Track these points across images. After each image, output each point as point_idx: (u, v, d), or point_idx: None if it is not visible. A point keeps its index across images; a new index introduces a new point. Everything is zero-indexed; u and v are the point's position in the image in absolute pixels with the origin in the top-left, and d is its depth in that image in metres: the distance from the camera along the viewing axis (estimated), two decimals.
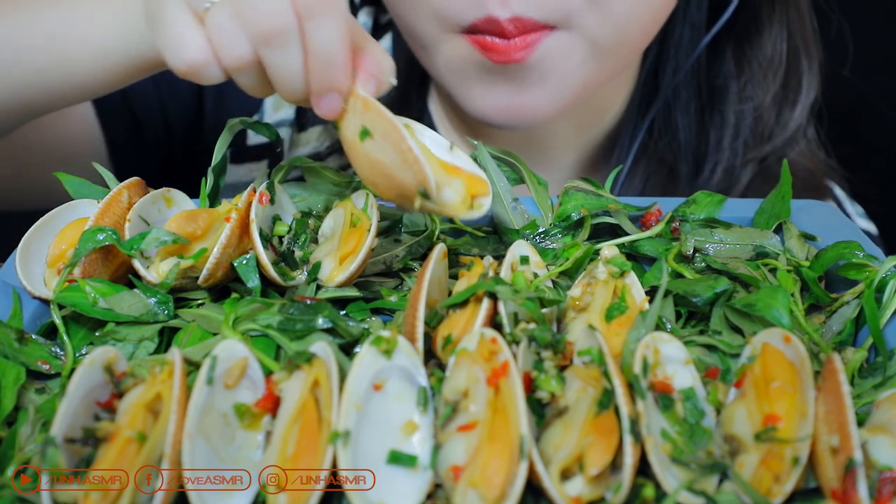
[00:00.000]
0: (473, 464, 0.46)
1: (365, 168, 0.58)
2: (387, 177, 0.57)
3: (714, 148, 0.98)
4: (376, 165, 0.57)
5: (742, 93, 0.97)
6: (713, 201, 0.73)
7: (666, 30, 0.94)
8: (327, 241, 0.65)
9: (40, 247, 0.63)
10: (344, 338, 0.57)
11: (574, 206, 0.70)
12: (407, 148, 0.55)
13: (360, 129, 0.57)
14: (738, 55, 0.97)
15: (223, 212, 0.64)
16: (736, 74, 0.97)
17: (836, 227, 0.71)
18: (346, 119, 0.58)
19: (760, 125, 0.98)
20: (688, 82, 0.97)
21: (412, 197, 0.56)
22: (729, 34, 0.96)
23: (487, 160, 0.73)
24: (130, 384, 0.51)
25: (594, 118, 0.99)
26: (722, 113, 0.98)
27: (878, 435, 0.49)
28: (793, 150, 0.99)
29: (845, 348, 0.60)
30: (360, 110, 0.57)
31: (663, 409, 0.51)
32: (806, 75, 0.98)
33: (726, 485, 0.48)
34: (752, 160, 0.98)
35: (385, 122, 0.56)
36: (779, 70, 0.96)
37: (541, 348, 0.53)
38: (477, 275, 0.60)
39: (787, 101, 0.98)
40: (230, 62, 0.56)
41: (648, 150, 0.99)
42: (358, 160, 0.58)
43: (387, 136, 0.56)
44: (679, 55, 0.95)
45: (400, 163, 0.55)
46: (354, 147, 0.58)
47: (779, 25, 0.95)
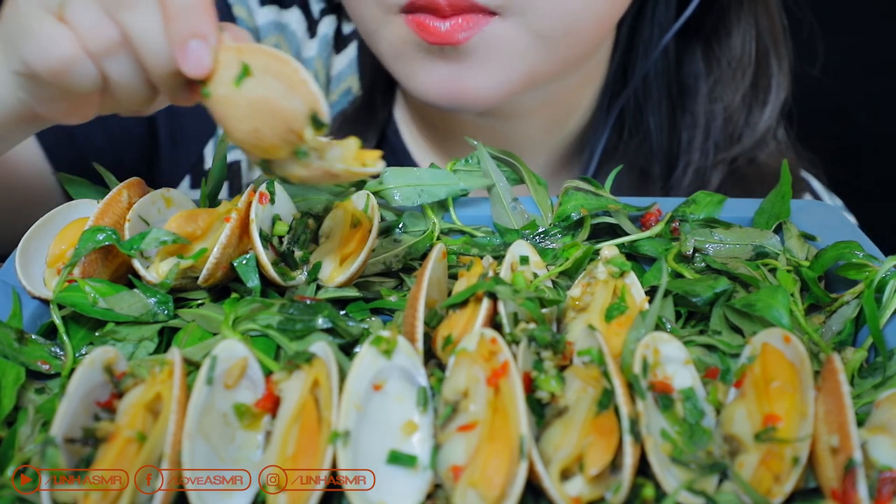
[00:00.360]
0: (473, 464, 0.46)
1: (244, 117, 0.53)
2: (270, 113, 0.52)
3: (685, 149, 0.98)
4: (258, 105, 0.52)
5: (712, 93, 0.97)
6: (713, 201, 0.73)
7: (634, 28, 0.94)
8: (328, 241, 0.65)
9: (40, 247, 0.63)
10: (344, 338, 0.58)
11: (574, 206, 0.70)
12: (292, 70, 0.52)
13: (236, 74, 0.53)
14: (708, 54, 0.97)
15: (223, 212, 0.64)
16: (706, 74, 0.97)
17: (835, 227, 0.71)
18: (217, 76, 0.54)
19: (730, 126, 0.98)
20: (659, 82, 0.97)
21: (302, 129, 0.52)
22: (698, 33, 0.96)
23: (487, 160, 0.73)
24: (130, 384, 0.51)
25: (563, 116, 0.98)
26: (693, 113, 0.98)
27: (877, 435, 0.49)
28: (762, 152, 0.99)
29: (845, 348, 0.60)
30: (233, 60, 0.53)
31: (663, 409, 0.51)
32: (776, 76, 0.97)
33: (726, 485, 0.48)
34: (722, 162, 0.98)
35: (265, 54, 0.53)
36: (748, 70, 0.96)
37: (541, 348, 0.53)
38: (476, 275, 0.60)
39: (757, 101, 0.98)
40: (98, 46, 0.54)
41: (619, 151, 0.98)
42: (234, 112, 0.53)
43: (268, 67, 0.52)
44: (647, 53, 0.95)
45: (286, 90, 0.52)
46: (229, 100, 0.53)
47: (747, 25, 0.95)
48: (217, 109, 0.54)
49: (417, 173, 0.71)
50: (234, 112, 0.53)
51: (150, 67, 0.55)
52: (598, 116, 0.99)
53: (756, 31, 0.96)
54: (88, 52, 0.54)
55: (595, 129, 0.99)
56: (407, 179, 0.71)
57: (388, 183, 0.70)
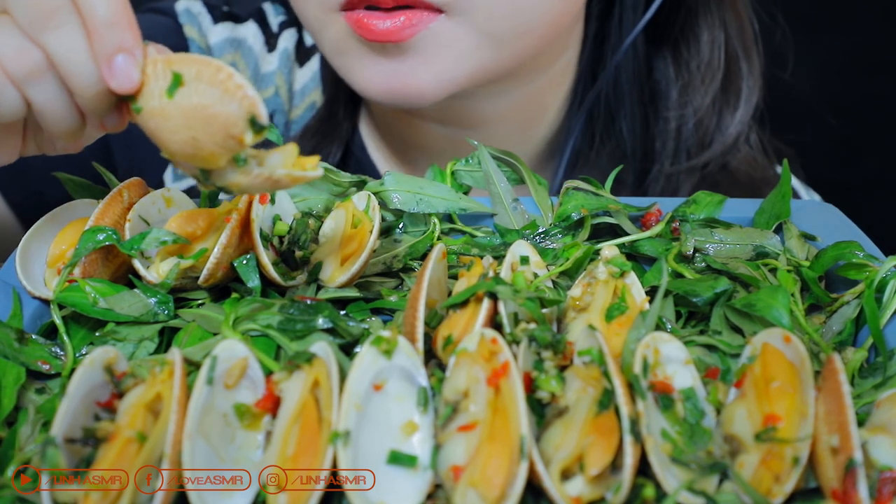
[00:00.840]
0: (473, 464, 0.46)
1: (178, 127, 0.52)
2: (207, 120, 0.51)
3: (657, 155, 0.97)
4: (193, 113, 0.51)
5: (682, 97, 0.96)
6: (713, 201, 0.73)
7: (601, 30, 0.93)
8: (328, 241, 0.65)
9: (40, 247, 0.63)
10: (344, 338, 0.58)
11: (574, 206, 0.70)
12: (226, 75, 0.50)
13: (167, 85, 0.52)
14: (677, 58, 0.96)
15: (223, 212, 0.64)
16: (675, 78, 0.96)
17: (836, 227, 0.71)
18: (146, 90, 0.53)
19: (701, 131, 0.97)
20: (630, 88, 0.96)
21: (241, 136, 0.51)
22: (667, 38, 0.95)
23: (487, 160, 0.73)
24: (130, 384, 0.51)
25: (531, 124, 0.97)
26: (664, 118, 0.97)
27: (878, 435, 0.49)
28: (734, 158, 0.98)
29: (845, 348, 0.60)
30: (161, 72, 0.52)
31: (663, 409, 0.51)
32: (746, 80, 0.97)
33: (726, 485, 0.48)
34: (694, 168, 0.97)
35: (196, 62, 0.51)
36: (717, 73, 0.95)
37: (541, 348, 0.53)
38: (477, 275, 0.60)
39: (728, 106, 0.97)
40: (21, 70, 0.52)
41: (591, 159, 0.97)
42: (167, 123, 0.52)
43: (200, 75, 0.51)
44: (615, 55, 0.94)
45: (220, 94, 0.50)
46: (162, 112, 0.52)
47: (716, 29, 0.95)
48: (150, 123, 0.53)
49: (420, 183, 0.71)
50: (168, 124, 0.52)
51: (78, 89, 0.53)
52: (567, 122, 0.98)
53: (725, 34, 0.95)
54: (11, 77, 0.52)
55: (565, 135, 0.98)
56: (408, 186, 0.71)
57: (388, 185, 0.70)
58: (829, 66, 1.50)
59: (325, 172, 0.71)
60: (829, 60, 1.50)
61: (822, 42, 1.46)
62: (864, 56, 1.50)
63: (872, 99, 1.52)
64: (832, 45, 1.48)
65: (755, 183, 0.98)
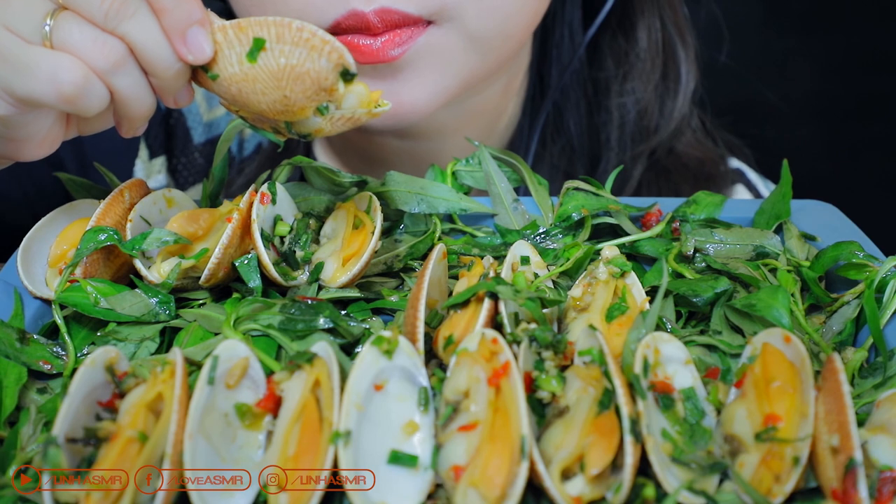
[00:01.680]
0: (474, 464, 0.46)
1: (268, 88, 0.54)
2: (298, 78, 0.53)
3: (604, 146, 0.98)
4: (282, 74, 0.53)
5: (623, 86, 0.97)
6: (713, 201, 0.73)
7: (545, 31, 0.93)
8: (330, 241, 0.65)
9: (42, 247, 0.64)
10: (345, 338, 0.58)
11: (575, 206, 0.70)
12: (310, 33, 0.52)
13: (247, 50, 0.54)
14: (616, 49, 0.97)
15: (224, 212, 0.64)
16: (615, 69, 0.97)
17: (836, 227, 0.71)
18: (222, 57, 0.55)
19: (645, 118, 0.98)
20: (574, 84, 0.97)
21: (333, 86, 0.54)
22: (604, 29, 0.96)
23: (488, 160, 0.73)
24: (132, 384, 0.51)
25: (486, 131, 0.97)
26: (607, 109, 0.98)
27: (878, 435, 0.49)
28: (679, 142, 1.00)
29: (845, 348, 0.60)
30: (235, 38, 0.54)
31: (664, 408, 0.51)
32: (683, 64, 0.98)
33: (726, 484, 0.48)
34: (641, 154, 0.98)
35: (271, 25, 0.53)
36: (656, 60, 0.96)
37: (542, 348, 0.53)
38: (477, 275, 0.60)
39: (669, 91, 0.98)
40: (106, 63, 0.54)
41: (545, 159, 0.98)
42: (254, 86, 0.54)
43: (281, 36, 0.53)
44: (561, 56, 0.95)
45: (308, 53, 0.53)
46: (246, 77, 0.54)
47: (651, 16, 0.95)
48: (231, 89, 0.55)
49: (421, 184, 0.71)
50: (256, 86, 0.54)
51: (158, 71, 0.55)
52: (521, 127, 0.98)
53: (660, 21, 0.96)
54: (97, 71, 0.54)
55: (521, 138, 0.99)
56: (410, 186, 0.71)
57: (390, 186, 0.70)
58: (829, 66, 1.50)
59: (325, 172, 0.71)
60: (829, 60, 1.50)
61: (822, 42, 1.47)
62: (864, 56, 1.50)
63: (872, 99, 1.53)
64: (832, 45, 1.48)
65: (703, 165, 1.00)
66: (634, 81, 0.97)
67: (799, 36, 1.21)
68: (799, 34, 1.19)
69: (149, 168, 0.98)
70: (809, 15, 1.46)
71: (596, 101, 0.98)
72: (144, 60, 0.55)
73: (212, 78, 0.55)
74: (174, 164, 0.99)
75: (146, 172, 0.98)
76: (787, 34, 1.06)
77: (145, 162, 0.97)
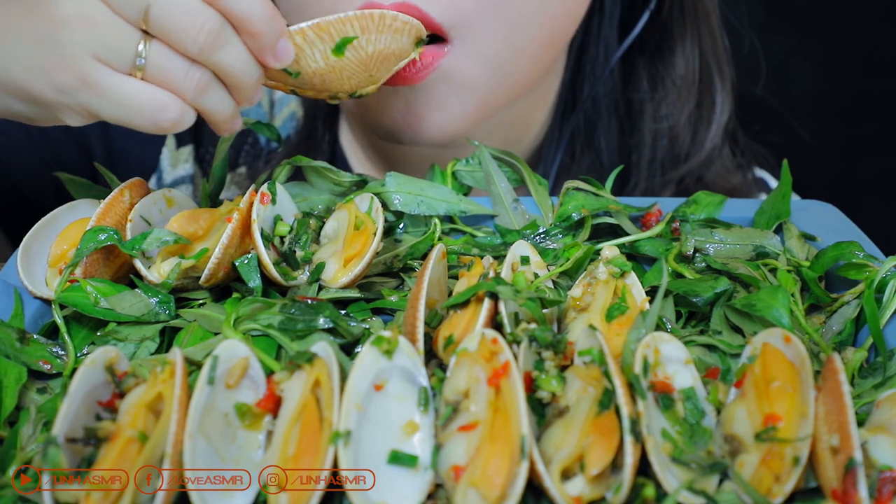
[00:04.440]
0: (474, 464, 0.46)
1: (356, 73, 0.61)
2: (385, 59, 0.62)
3: (633, 168, 0.98)
4: (371, 59, 0.60)
5: (657, 112, 0.97)
6: (713, 201, 0.73)
7: (581, 47, 0.94)
8: (331, 242, 0.65)
9: (42, 247, 0.64)
10: (345, 338, 0.58)
11: (575, 206, 0.70)
12: (392, 18, 0.60)
13: (332, 47, 0.59)
14: (652, 73, 0.97)
15: (224, 212, 0.64)
16: (651, 93, 0.97)
17: (836, 227, 0.71)
18: (303, 58, 0.60)
19: (677, 146, 0.98)
20: (607, 102, 0.97)
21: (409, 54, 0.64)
22: (642, 52, 0.96)
23: (488, 160, 0.73)
24: (132, 384, 0.51)
25: (515, 139, 0.97)
26: (640, 130, 0.98)
27: (878, 435, 0.49)
28: (709, 172, 0.99)
29: (845, 348, 0.60)
30: (315, 37, 0.59)
31: (664, 408, 0.51)
32: (719, 94, 0.97)
33: (726, 485, 0.48)
34: (670, 181, 0.98)
35: (354, 20, 0.59)
36: (692, 88, 0.96)
37: (542, 348, 0.53)
38: (477, 275, 0.60)
39: (702, 120, 0.98)
40: (196, 92, 0.56)
41: (572, 171, 0.98)
42: (343, 74, 0.61)
43: (366, 27, 0.59)
44: (595, 72, 0.95)
45: (393, 36, 0.60)
46: (333, 69, 0.61)
47: (690, 43, 0.95)
48: (314, 80, 0.62)
49: (421, 185, 0.71)
50: (342, 74, 0.62)
51: (242, 87, 0.58)
52: (550, 137, 0.98)
53: (699, 49, 0.95)
54: (189, 101, 0.57)
55: (548, 149, 0.99)
56: (409, 187, 0.71)
57: (389, 187, 0.70)
58: (829, 66, 1.50)
59: (326, 172, 0.71)
60: (829, 60, 1.50)
61: (822, 42, 1.47)
62: (864, 56, 1.50)
63: (872, 99, 1.53)
64: (832, 45, 1.48)
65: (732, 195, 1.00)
66: (669, 107, 0.96)
67: (799, 36, 1.21)
68: (799, 34, 1.19)
69: (175, 157, 0.98)
70: (809, 15, 1.46)
71: (629, 122, 0.98)
72: (231, 81, 0.58)
73: (294, 76, 0.61)
74: (201, 154, 1.00)
75: (172, 161, 0.98)
76: (788, 34, 1.06)
77: (172, 151, 0.98)
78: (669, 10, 0.93)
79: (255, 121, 0.71)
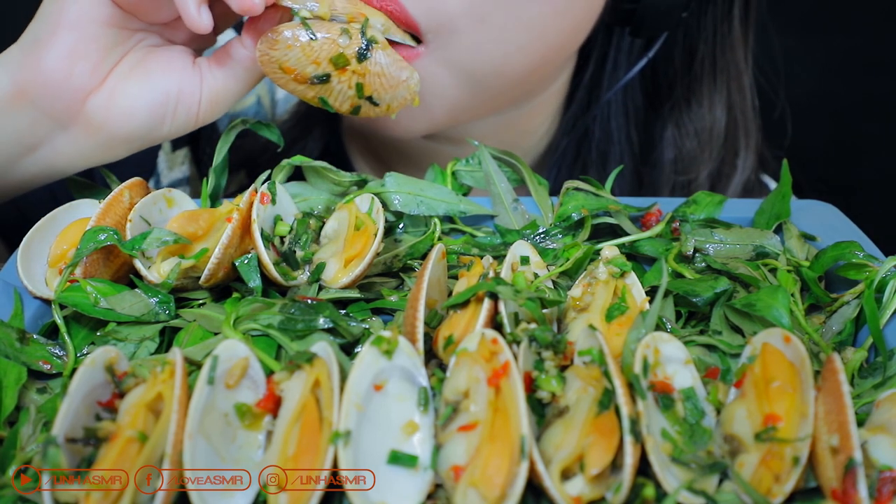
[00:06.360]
0: (474, 464, 0.46)
1: None
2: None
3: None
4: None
5: (676, 165, 0.96)
6: (713, 202, 0.73)
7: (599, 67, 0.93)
8: (331, 242, 0.65)
9: (42, 247, 0.64)
10: (345, 338, 0.58)
11: (574, 206, 0.70)
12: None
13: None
14: (677, 120, 0.96)
15: (224, 212, 0.64)
16: (673, 143, 0.96)
17: (836, 227, 0.71)
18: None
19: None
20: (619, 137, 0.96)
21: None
22: (669, 101, 0.95)
23: (488, 160, 0.73)
24: (132, 384, 0.51)
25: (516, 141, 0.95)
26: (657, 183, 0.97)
27: (878, 435, 0.49)
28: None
29: (845, 348, 0.60)
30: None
31: (663, 408, 0.51)
32: (742, 153, 0.97)
33: (726, 484, 0.48)
34: None
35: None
36: (716, 144, 0.95)
37: (541, 348, 0.53)
38: (477, 275, 0.60)
39: (721, 178, 0.97)
40: None
41: None
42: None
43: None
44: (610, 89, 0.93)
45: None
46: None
47: (719, 97, 0.94)
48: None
49: (420, 185, 0.71)
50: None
51: None
52: (556, 146, 0.98)
53: (727, 104, 0.95)
54: None
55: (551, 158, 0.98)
56: (409, 188, 0.71)
57: (389, 187, 0.70)
58: (829, 66, 1.50)
59: (325, 172, 0.71)
60: (829, 60, 1.50)
61: (822, 42, 1.46)
62: (864, 56, 1.50)
63: (872, 99, 1.53)
64: (832, 45, 1.48)
65: None
66: (690, 162, 0.96)
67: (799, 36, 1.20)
68: (799, 34, 1.19)
69: (171, 159, 0.98)
70: (809, 15, 1.46)
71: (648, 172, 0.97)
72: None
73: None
74: (199, 155, 1.00)
75: (169, 164, 0.98)
76: (788, 34, 1.05)
77: (168, 153, 0.97)
78: (701, 63, 0.92)
79: (255, 121, 0.71)
